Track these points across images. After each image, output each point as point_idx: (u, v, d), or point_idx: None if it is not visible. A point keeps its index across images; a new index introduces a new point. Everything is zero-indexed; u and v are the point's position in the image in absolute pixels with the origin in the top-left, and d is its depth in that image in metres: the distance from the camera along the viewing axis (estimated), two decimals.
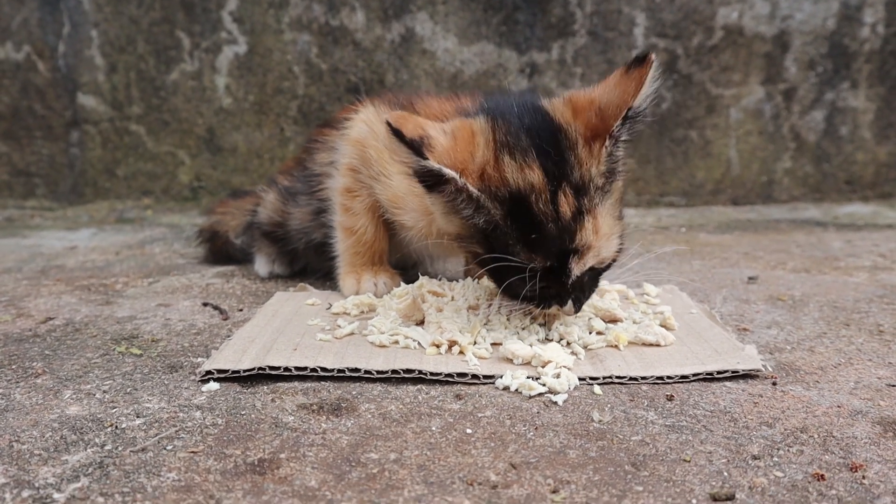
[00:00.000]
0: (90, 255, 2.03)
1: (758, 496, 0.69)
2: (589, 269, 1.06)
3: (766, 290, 1.52)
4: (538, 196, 1.01)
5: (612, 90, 1.05)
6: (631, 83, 1.02)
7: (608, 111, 1.03)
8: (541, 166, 1.02)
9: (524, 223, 1.01)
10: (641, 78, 1.01)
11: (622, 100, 1.02)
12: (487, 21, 2.78)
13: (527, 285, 1.03)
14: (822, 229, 2.41)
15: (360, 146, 1.34)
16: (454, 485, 0.71)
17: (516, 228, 1.02)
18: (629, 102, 1.01)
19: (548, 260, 1.02)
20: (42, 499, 0.69)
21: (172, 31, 2.80)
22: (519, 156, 1.02)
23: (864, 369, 1.04)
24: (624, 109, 1.01)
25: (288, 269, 1.68)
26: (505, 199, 1.02)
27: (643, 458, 0.77)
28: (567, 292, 1.06)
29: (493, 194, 1.02)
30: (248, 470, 0.74)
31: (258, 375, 1.00)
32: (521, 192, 1.01)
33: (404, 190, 1.27)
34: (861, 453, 0.78)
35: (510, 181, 1.02)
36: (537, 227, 1.01)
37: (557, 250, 1.01)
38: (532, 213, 1.01)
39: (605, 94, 1.05)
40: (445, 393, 0.95)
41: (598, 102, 1.05)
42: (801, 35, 2.85)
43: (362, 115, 1.37)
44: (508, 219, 1.02)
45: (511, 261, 1.02)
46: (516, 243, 1.02)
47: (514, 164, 1.02)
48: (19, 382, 0.99)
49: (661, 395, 0.94)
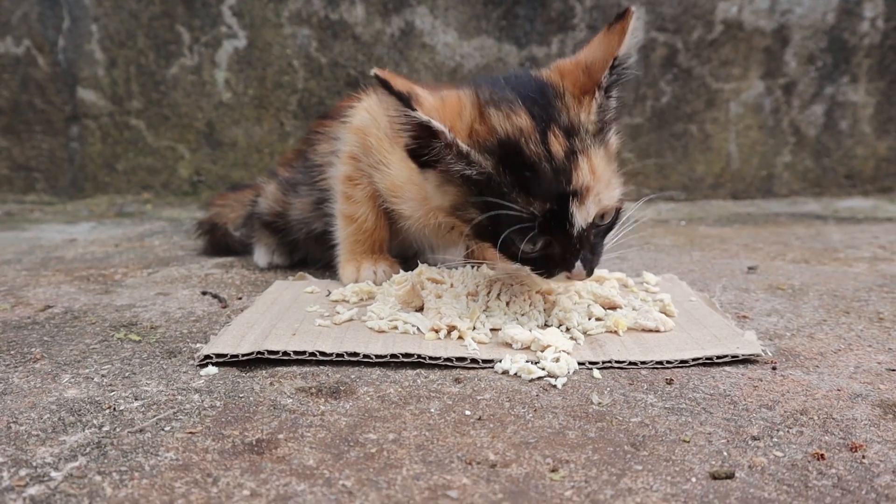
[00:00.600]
0: (90, 247, 2.03)
1: (757, 475, 0.69)
2: (593, 225, 1.05)
3: (765, 280, 1.52)
4: (528, 139, 1.02)
5: (596, 49, 1.09)
6: (614, 37, 1.06)
7: (595, 66, 1.07)
8: (527, 111, 1.03)
9: (517, 168, 1.02)
10: (623, 29, 1.04)
11: (607, 52, 1.06)
12: (487, 15, 2.78)
13: (526, 237, 1.02)
14: (822, 222, 2.41)
15: (361, 134, 1.34)
16: (453, 464, 0.71)
17: (510, 174, 1.02)
18: (615, 53, 1.04)
19: (546, 202, 1.00)
20: (40, 477, 0.68)
21: (172, 25, 2.80)
22: (504, 106, 1.04)
23: (864, 354, 1.04)
24: (610, 60, 1.04)
25: (287, 260, 1.68)
26: (494, 149, 1.03)
27: (642, 438, 0.77)
28: (573, 250, 1.04)
29: (482, 146, 1.03)
30: (246, 450, 0.74)
31: (256, 360, 0.99)
32: (510, 138, 1.02)
33: (403, 178, 1.27)
34: (861, 434, 0.78)
35: (498, 129, 1.03)
36: (531, 169, 1.01)
37: (556, 193, 1.01)
38: (524, 156, 1.01)
39: (591, 54, 1.09)
40: (444, 377, 0.95)
41: (583, 62, 1.08)
42: (800, 29, 2.85)
43: (364, 103, 1.37)
44: (500, 167, 1.02)
45: (510, 209, 1.01)
46: (511, 190, 1.02)
47: (499, 114, 1.04)
48: (17, 367, 0.99)
49: (660, 380, 0.94)
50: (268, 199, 1.64)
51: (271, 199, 1.63)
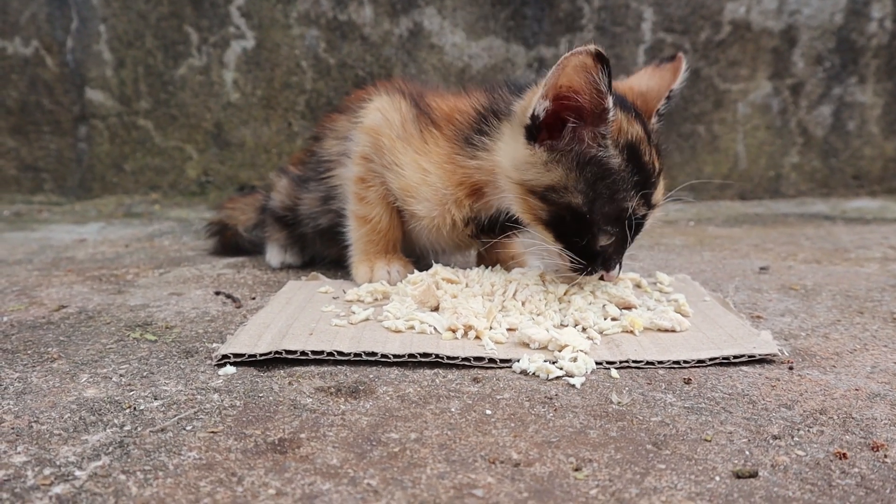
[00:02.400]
0: (100, 247, 2.03)
1: (781, 474, 0.69)
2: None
3: (777, 280, 1.52)
4: (644, 146, 1.16)
5: (647, 80, 1.28)
6: (667, 73, 1.27)
7: (650, 95, 1.25)
8: (641, 124, 1.18)
9: (636, 170, 1.14)
10: (677, 69, 1.27)
11: (662, 85, 1.26)
12: (495, 16, 2.78)
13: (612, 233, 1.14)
14: (831, 223, 2.40)
15: (373, 134, 1.34)
16: (476, 463, 0.71)
17: (631, 173, 1.13)
18: (670, 87, 1.25)
19: (648, 207, 1.17)
20: (64, 476, 0.69)
21: (180, 25, 2.80)
22: (627, 113, 1.16)
23: (881, 354, 1.04)
24: (666, 92, 1.25)
25: (299, 259, 1.68)
26: (623, 147, 1.14)
27: (664, 437, 0.77)
28: (622, 253, 1.19)
29: (614, 141, 1.14)
30: (269, 449, 0.74)
31: (274, 360, 1.00)
32: (632, 141, 1.15)
33: (417, 179, 1.28)
34: (882, 433, 0.78)
35: (626, 130, 1.15)
36: (644, 173, 1.15)
37: (653, 200, 1.18)
38: (642, 161, 1.15)
39: (642, 83, 1.27)
40: (463, 376, 0.95)
41: (636, 90, 1.26)
42: (808, 30, 2.85)
43: (376, 102, 1.37)
44: (625, 164, 1.13)
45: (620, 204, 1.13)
46: (630, 187, 1.13)
47: (626, 117, 1.16)
48: (35, 367, 1.00)
49: (678, 379, 0.94)
50: (281, 193, 1.65)
51: (284, 193, 1.64)
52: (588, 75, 1.05)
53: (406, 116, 1.32)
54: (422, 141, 1.29)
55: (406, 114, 1.33)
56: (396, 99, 1.36)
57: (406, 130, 1.31)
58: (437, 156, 1.28)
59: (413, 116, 1.32)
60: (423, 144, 1.29)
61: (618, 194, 1.13)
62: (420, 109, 1.32)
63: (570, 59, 1.05)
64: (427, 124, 1.30)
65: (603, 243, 1.15)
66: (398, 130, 1.32)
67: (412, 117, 1.32)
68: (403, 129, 1.31)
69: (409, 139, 1.31)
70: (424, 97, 1.36)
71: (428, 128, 1.30)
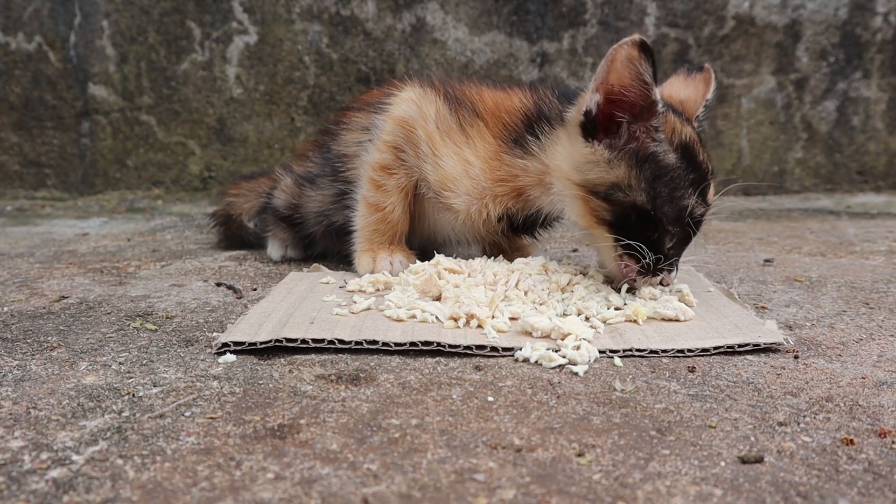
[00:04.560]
0: (102, 241, 2.03)
1: (787, 459, 0.68)
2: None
3: (782, 272, 1.51)
4: (698, 147, 1.17)
5: (683, 89, 1.32)
6: (700, 84, 1.32)
7: (688, 103, 1.29)
8: (691, 127, 1.20)
9: (692, 170, 1.15)
10: (709, 80, 1.33)
11: (697, 95, 1.31)
12: (498, 11, 2.78)
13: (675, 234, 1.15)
14: (836, 217, 2.39)
15: (405, 125, 1.32)
16: (478, 448, 0.70)
17: (688, 172, 1.14)
18: (706, 96, 1.31)
19: (704, 207, 1.18)
20: (61, 460, 0.68)
21: (183, 21, 2.80)
22: (678, 116, 1.19)
23: (887, 344, 1.03)
24: (703, 101, 1.30)
25: (301, 254, 1.67)
26: (678, 147, 1.15)
27: (668, 424, 0.76)
28: (681, 254, 1.20)
29: (669, 140, 1.15)
30: (268, 434, 0.73)
31: (274, 348, 0.99)
32: (687, 141, 1.16)
33: (459, 172, 1.27)
34: (889, 420, 0.77)
35: (679, 131, 1.17)
36: (700, 174, 1.16)
37: (708, 201, 1.19)
38: (698, 162, 1.16)
39: (680, 93, 1.31)
40: (464, 364, 0.94)
41: (675, 98, 1.28)
42: (812, 25, 2.83)
43: (407, 93, 1.36)
44: (682, 163, 1.15)
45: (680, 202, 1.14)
46: (688, 187, 1.14)
47: (678, 119, 1.18)
48: (34, 355, 0.99)
49: (682, 367, 0.93)
50: (285, 192, 1.62)
51: (289, 192, 1.61)
52: (633, 67, 1.07)
53: (441, 109, 1.31)
54: (463, 134, 1.28)
55: (441, 107, 1.31)
56: (429, 92, 1.34)
57: (444, 123, 1.30)
58: (483, 150, 1.27)
59: (449, 110, 1.31)
60: (466, 138, 1.28)
61: (676, 192, 1.13)
62: (458, 102, 1.31)
63: (617, 52, 1.06)
64: (470, 116, 1.29)
65: (668, 244, 1.16)
66: (435, 123, 1.30)
67: (448, 111, 1.31)
68: (441, 122, 1.30)
69: (448, 132, 1.29)
70: (461, 89, 1.35)
71: (471, 121, 1.29)
